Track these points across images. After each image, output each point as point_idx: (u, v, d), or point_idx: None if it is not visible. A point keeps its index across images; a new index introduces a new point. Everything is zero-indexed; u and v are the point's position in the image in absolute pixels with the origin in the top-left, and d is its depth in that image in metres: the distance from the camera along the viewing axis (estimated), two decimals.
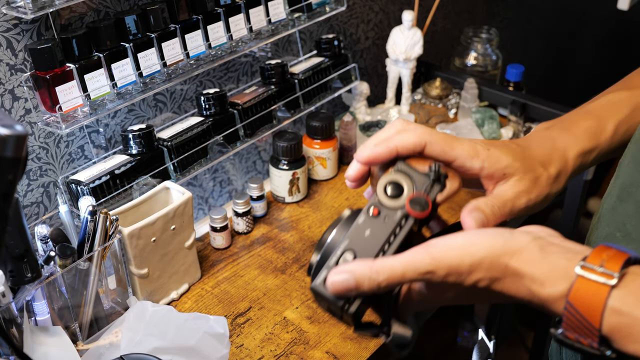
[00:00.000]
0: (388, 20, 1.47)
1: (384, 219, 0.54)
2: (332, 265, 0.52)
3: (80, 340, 0.88)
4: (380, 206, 0.54)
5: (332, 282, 0.51)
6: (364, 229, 0.54)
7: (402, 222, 0.54)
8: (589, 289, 0.47)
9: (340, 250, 0.53)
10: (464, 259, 0.50)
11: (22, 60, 0.87)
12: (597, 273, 0.47)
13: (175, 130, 1.03)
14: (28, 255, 0.76)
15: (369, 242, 0.53)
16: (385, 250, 0.53)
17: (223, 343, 0.79)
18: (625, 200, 0.61)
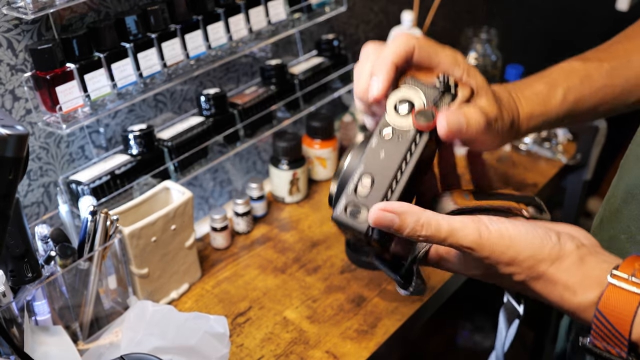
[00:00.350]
0: (388, 21, 1.47)
1: (397, 138, 0.52)
2: (350, 193, 0.51)
3: (81, 339, 0.88)
4: (392, 126, 0.53)
5: (377, 217, 0.50)
6: (378, 152, 0.52)
7: (417, 138, 0.52)
8: (620, 297, 0.47)
9: (357, 176, 0.51)
10: (509, 251, 0.51)
11: (22, 61, 0.87)
12: (628, 282, 0.47)
13: (176, 130, 1.03)
14: (28, 255, 0.76)
15: (384, 164, 0.51)
16: (402, 170, 0.51)
17: (223, 343, 0.79)
18: (630, 202, 0.60)
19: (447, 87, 0.55)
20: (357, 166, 0.52)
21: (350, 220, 0.50)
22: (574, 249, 0.51)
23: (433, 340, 1.76)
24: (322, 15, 1.20)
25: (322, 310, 0.97)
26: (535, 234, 0.51)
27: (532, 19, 2.05)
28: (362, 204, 0.50)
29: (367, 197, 0.51)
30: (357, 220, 0.50)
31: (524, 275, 0.51)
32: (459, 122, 0.53)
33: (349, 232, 0.52)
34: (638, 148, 0.62)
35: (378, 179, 0.51)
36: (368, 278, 1.03)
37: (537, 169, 1.30)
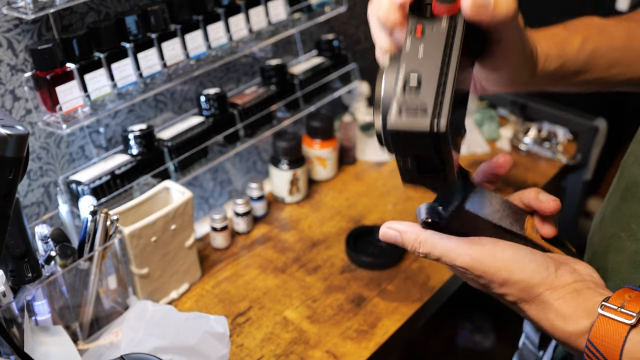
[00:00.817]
0: None
1: (431, 32, 0.47)
2: (399, 95, 0.45)
3: (81, 339, 0.88)
4: (422, 22, 0.47)
5: (382, 232, 0.55)
6: (416, 51, 0.46)
7: (452, 27, 0.47)
8: (609, 328, 0.48)
9: (402, 77, 0.45)
10: (502, 272, 0.52)
11: (22, 61, 0.87)
12: (616, 313, 0.48)
13: (176, 130, 1.03)
14: (29, 255, 0.76)
15: (427, 59, 0.46)
16: (450, 59, 0.46)
17: (223, 342, 0.79)
18: (630, 200, 0.60)
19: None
20: (398, 70, 0.46)
21: (411, 122, 0.44)
22: (571, 282, 0.52)
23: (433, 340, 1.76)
24: (322, 15, 1.20)
25: (322, 310, 0.97)
26: (531, 260, 0.53)
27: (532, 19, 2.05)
28: (418, 103, 0.44)
29: (421, 94, 0.44)
30: (418, 120, 0.44)
31: (516, 297, 0.53)
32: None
33: (408, 141, 0.45)
34: (637, 146, 0.62)
35: (426, 74, 0.45)
36: (368, 278, 1.03)
37: (537, 169, 1.30)
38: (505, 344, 1.81)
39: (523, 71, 0.60)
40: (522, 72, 0.60)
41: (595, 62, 0.66)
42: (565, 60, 0.64)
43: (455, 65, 0.46)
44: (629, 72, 0.68)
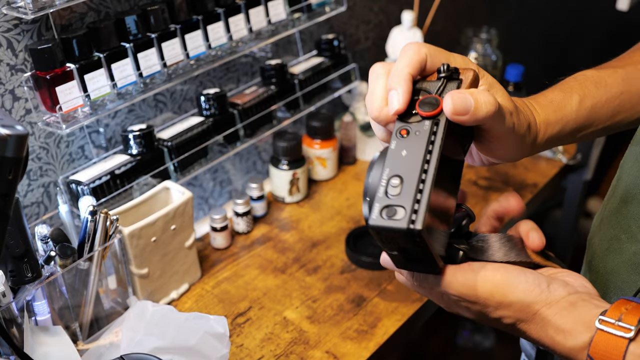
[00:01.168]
0: (388, 21, 1.47)
1: (415, 134, 0.51)
2: (382, 196, 0.49)
3: (81, 340, 0.88)
4: (406, 125, 0.52)
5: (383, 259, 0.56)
6: (400, 152, 0.51)
7: (434, 128, 0.51)
8: (608, 342, 0.48)
9: (385, 179, 0.50)
10: (495, 296, 0.52)
11: (22, 61, 0.87)
12: (614, 327, 0.48)
13: (176, 130, 1.03)
14: (28, 255, 0.76)
15: (409, 160, 0.50)
16: (429, 161, 0.50)
17: (223, 343, 0.79)
18: (630, 202, 0.60)
19: (449, 72, 0.54)
20: (382, 172, 0.51)
21: (389, 222, 0.48)
22: (565, 295, 0.52)
23: (433, 340, 1.76)
24: (322, 15, 1.20)
25: (322, 310, 0.97)
26: (523, 279, 0.52)
27: (532, 19, 2.05)
28: (397, 204, 0.49)
29: (400, 195, 0.49)
30: (395, 220, 0.48)
31: (514, 319, 0.53)
32: (465, 100, 0.51)
33: (388, 237, 0.50)
34: (637, 148, 0.62)
35: (406, 176, 0.50)
36: (368, 278, 1.03)
37: (537, 169, 1.30)
38: (506, 344, 1.81)
39: (521, 147, 0.61)
40: (520, 148, 0.61)
41: (596, 117, 0.66)
42: (566, 123, 0.64)
43: (435, 165, 0.50)
44: (632, 116, 0.68)
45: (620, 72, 0.68)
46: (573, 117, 0.65)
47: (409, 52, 0.55)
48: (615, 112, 0.67)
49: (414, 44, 0.56)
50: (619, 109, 0.67)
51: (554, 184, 1.31)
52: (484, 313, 0.54)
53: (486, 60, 1.56)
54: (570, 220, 1.46)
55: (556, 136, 0.64)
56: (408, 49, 0.55)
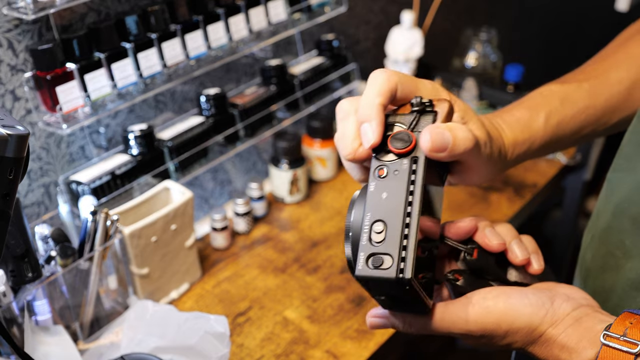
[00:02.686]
0: (388, 21, 1.47)
1: (393, 174, 0.49)
2: (366, 244, 0.48)
3: (81, 339, 0.88)
4: (383, 164, 0.49)
5: (369, 323, 0.55)
6: (380, 194, 0.49)
7: (413, 167, 0.49)
8: (614, 358, 0.47)
9: (367, 226, 0.48)
10: (502, 325, 0.52)
11: (23, 61, 0.87)
12: (619, 342, 0.47)
13: (176, 130, 1.04)
14: (29, 255, 0.76)
15: (390, 204, 0.48)
16: (412, 203, 0.48)
17: (223, 342, 0.79)
18: (621, 217, 0.60)
19: (422, 106, 0.51)
20: (364, 216, 0.49)
21: (376, 272, 0.47)
22: (570, 310, 0.51)
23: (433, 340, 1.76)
24: (322, 16, 1.20)
25: (322, 310, 0.97)
26: (526, 303, 0.52)
27: (532, 19, 2.05)
28: (383, 252, 0.47)
29: (385, 242, 0.47)
30: (383, 270, 0.47)
31: (522, 343, 0.52)
32: (443, 136, 0.49)
33: (376, 286, 0.48)
34: (624, 162, 0.61)
35: (389, 221, 0.48)
36: None
37: (537, 169, 1.30)
38: None
39: (491, 171, 0.60)
40: (491, 172, 0.60)
41: (562, 132, 0.66)
42: (533, 142, 0.64)
43: (418, 206, 0.48)
44: (597, 128, 0.68)
45: (584, 86, 0.67)
46: (540, 135, 0.64)
47: (378, 80, 0.52)
48: (581, 127, 0.67)
49: (383, 72, 0.52)
50: (585, 123, 0.67)
51: (553, 184, 1.31)
52: (492, 342, 0.53)
53: (486, 60, 1.56)
54: (570, 220, 1.46)
55: (523, 155, 0.64)
56: (377, 77, 0.52)
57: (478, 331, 0.52)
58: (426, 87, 0.55)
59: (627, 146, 0.62)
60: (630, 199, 0.58)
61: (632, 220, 0.58)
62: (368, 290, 0.50)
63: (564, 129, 0.65)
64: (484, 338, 0.53)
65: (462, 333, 0.52)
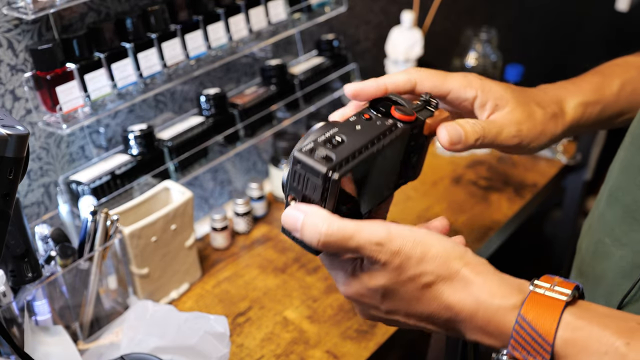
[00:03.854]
0: (388, 21, 1.47)
1: (375, 122, 0.54)
2: (320, 141, 0.50)
3: (81, 339, 0.88)
4: (372, 113, 0.54)
5: (285, 215, 0.49)
6: (355, 124, 0.53)
7: (392, 128, 0.53)
8: (544, 303, 0.45)
9: (329, 134, 0.51)
10: (419, 246, 0.49)
11: (22, 61, 0.87)
12: (550, 290, 0.46)
13: (176, 130, 1.04)
14: (29, 255, 0.76)
15: (359, 134, 0.52)
16: (374, 144, 0.51)
17: (223, 342, 0.79)
18: (613, 205, 0.60)
19: (427, 102, 0.58)
20: (330, 127, 0.51)
21: (312, 160, 0.48)
22: (486, 261, 0.50)
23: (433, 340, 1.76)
24: (322, 15, 1.20)
25: (322, 310, 0.97)
26: (445, 239, 0.50)
27: (532, 19, 2.05)
28: (329, 153, 0.49)
29: (336, 149, 0.49)
30: (319, 161, 0.48)
31: (434, 276, 0.48)
32: (457, 131, 0.56)
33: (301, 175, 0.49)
34: (622, 152, 0.62)
35: (349, 140, 0.50)
36: None
37: (537, 169, 1.30)
38: None
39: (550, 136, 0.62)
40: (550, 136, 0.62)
41: (636, 102, 0.66)
42: (605, 105, 0.65)
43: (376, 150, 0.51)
44: None
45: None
46: (613, 100, 0.65)
47: (395, 75, 0.59)
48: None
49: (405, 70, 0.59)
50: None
51: (553, 184, 1.31)
52: (403, 270, 0.48)
53: (486, 60, 1.56)
54: (570, 220, 1.46)
55: (597, 118, 0.64)
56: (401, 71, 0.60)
57: (395, 245, 0.48)
58: (455, 79, 0.59)
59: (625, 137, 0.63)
60: (623, 188, 0.59)
61: (623, 209, 0.58)
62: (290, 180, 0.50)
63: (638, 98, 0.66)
64: (398, 258, 0.48)
65: (380, 242, 0.48)
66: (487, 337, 0.48)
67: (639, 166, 0.57)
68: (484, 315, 0.47)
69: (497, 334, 0.47)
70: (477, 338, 0.49)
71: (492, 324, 0.47)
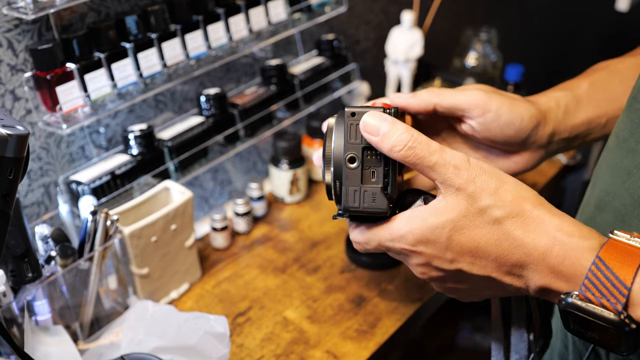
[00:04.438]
0: (388, 21, 1.47)
1: None
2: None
3: (81, 339, 0.88)
4: None
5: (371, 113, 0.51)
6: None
7: None
8: (624, 249, 0.44)
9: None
10: (494, 178, 0.49)
11: (22, 61, 0.87)
12: (631, 239, 0.45)
13: (176, 130, 1.04)
14: (29, 255, 0.76)
15: None
16: None
17: (223, 342, 0.79)
18: (603, 209, 0.59)
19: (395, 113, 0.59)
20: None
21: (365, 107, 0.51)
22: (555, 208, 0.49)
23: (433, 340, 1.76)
24: (322, 15, 1.20)
25: (322, 310, 0.97)
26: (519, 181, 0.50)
27: (532, 19, 2.05)
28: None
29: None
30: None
31: (505, 210, 0.47)
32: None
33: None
34: (608, 155, 0.61)
35: None
36: (368, 278, 1.03)
37: (536, 169, 1.30)
38: None
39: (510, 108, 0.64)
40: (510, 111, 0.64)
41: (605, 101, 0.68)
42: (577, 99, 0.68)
43: None
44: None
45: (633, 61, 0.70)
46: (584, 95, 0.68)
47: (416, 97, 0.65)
48: None
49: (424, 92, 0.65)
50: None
51: (553, 184, 1.31)
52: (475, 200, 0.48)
53: (486, 60, 1.56)
54: None
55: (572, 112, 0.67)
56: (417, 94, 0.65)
57: (472, 173, 0.48)
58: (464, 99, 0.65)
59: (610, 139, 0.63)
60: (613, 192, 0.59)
61: (614, 213, 0.58)
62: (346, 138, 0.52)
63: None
64: (472, 186, 0.48)
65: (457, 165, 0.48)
66: (556, 279, 0.46)
67: (627, 170, 0.56)
68: (559, 253, 0.46)
69: (569, 274, 0.46)
70: (545, 282, 0.47)
71: (567, 262, 0.46)
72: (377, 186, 0.52)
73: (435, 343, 1.77)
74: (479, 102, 0.62)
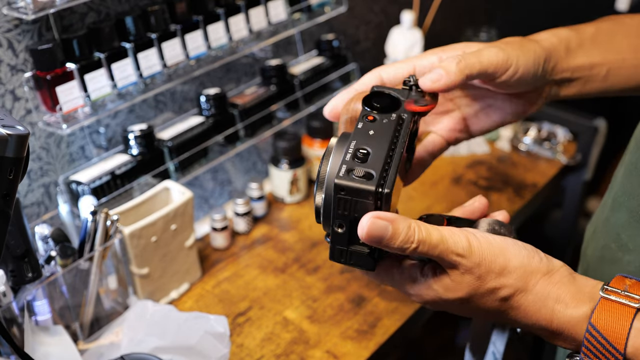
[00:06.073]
0: (388, 21, 1.47)
1: (382, 121, 0.52)
2: (349, 160, 0.49)
3: (81, 339, 0.88)
4: (373, 113, 0.53)
5: (370, 223, 0.47)
6: (367, 130, 0.51)
7: (400, 121, 0.53)
8: (614, 311, 0.46)
9: (352, 149, 0.50)
10: (499, 259, 0.50)
11: (22, 61, 0.87)
12: (620, 296, 0.47)
13: (176, 130, 1.04)
14: (29, 255, 0.76)
15: (376, 138, 0.51)
16: (395, 144, 0.51)
17: (223, 342, 0.79)
18: (618, 210, 0.60)
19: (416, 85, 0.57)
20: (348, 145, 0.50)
21: (357, 182, 0.47)
22: (562, 265, 0.51)
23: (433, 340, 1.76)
24: (322, 15, 1.20)
25: (322, 310, 0.97)
26: (523, 248, 0.51)
27: (532, 19, 2.05)
28: (365, 168, 0.48)
29: (368, 163, 0.49)
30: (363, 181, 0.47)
31: (513, 289, 0.50)
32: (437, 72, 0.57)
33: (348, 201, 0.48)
34: (627, 156, 0.62)
35: (374, 149, 0.49)
36: (368, 278, 1.03)
37: (537, 169, 1.30)
38: None
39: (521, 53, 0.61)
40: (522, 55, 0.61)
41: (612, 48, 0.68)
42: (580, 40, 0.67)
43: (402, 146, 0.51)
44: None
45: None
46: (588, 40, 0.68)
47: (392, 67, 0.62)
48: None
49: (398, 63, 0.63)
50: None
51: (553, 184, 1.31)
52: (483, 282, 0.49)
53: None
54: (569, 221, 1.46)
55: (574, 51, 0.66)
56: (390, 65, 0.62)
57: (476, 258, 0.49)
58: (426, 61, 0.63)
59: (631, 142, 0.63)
60: (628, 192, 0.59)
61: (629, 214, 0.58)
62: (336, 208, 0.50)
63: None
64: (478, 270, 0.49)
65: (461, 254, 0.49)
66: (562, 342, 0.50)
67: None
68: (558, 325, 0.49)
69: (570, 340, 0.49)
70: (553, 342, 0.51)
71: (566, 332, 0.49)
72: (364, 250, 0.51)
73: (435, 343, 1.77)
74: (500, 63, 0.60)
